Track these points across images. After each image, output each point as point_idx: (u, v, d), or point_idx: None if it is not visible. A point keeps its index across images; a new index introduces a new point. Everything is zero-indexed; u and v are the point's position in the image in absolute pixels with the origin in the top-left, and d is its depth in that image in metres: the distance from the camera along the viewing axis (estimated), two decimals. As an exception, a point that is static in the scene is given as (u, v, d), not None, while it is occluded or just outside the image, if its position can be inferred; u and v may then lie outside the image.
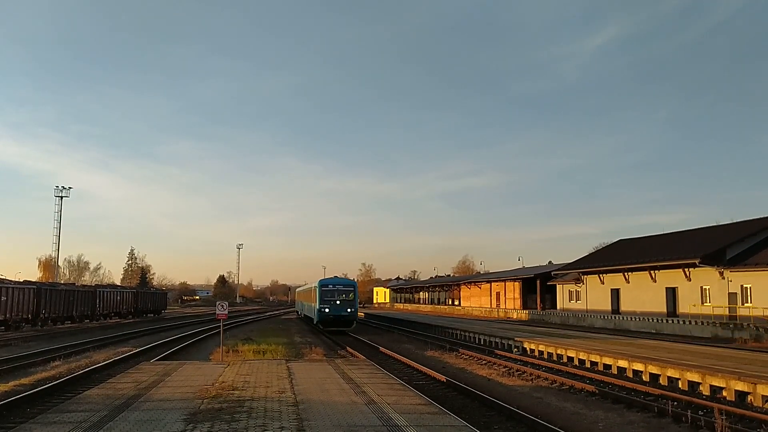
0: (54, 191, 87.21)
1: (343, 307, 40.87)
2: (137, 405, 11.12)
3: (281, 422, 9.60)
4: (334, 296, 41.04)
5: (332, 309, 40.60)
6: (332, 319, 40.62)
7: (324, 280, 43.64)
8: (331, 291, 41.28)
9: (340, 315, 40.64)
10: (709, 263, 40.34)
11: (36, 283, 52.40)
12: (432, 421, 9.87)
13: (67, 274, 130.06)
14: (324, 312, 40.61)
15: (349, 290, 41.98)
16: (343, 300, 41.11)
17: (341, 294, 41.39)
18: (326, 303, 40.67)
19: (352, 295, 41.74)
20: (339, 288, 41.76)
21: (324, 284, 42.06)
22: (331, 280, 43.69)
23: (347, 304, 41.10)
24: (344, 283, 43.52)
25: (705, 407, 14.34)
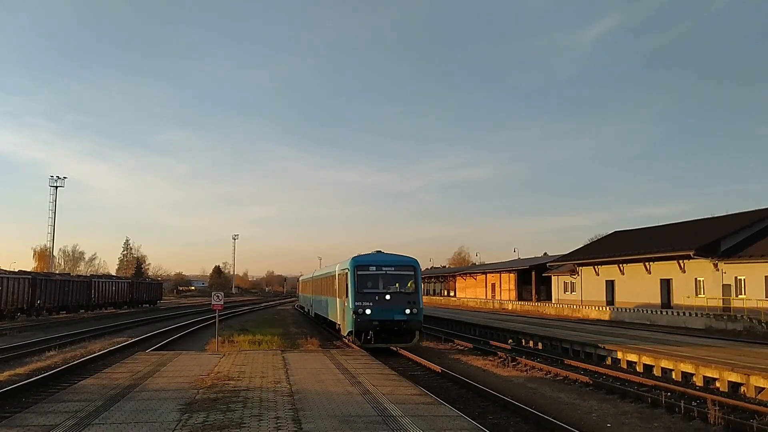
0: (49, 181, 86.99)
1: (399, 306, 22.48)
2: (133, 395, 11.13)
3: (277, 412, 9.63)
4: (381, 285, 23.13)
5: (378, 309, 22.41)
6: (378, 327, 22.34)
7: (361, 258, 24.15)
8: (375, 276, 23.33)
9: (392, 321, 22.33)
10: (703, 255, 40.46)
11: (31, 273, 52.33)
12: (427, 411, 9.91)
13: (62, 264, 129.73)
14: (363, 315, 22.24)
15: (406, 275, 23.53)
16: (398, 293, 22.88)
17: (393, 281, 23.28)
18: (366, 298, 22.63)
19: (412, 284, 23.27)
20: (389, 271, 23.61)
21: (361, 264, 23.43)
22: (375, 258, 24.27)
23: (405, 299, 22.72)
24: (398, 261, 23.97)
25: (698, 398, 14.43)
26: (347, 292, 23.06)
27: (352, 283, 22.63)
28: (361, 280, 22.75)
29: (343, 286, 24.17)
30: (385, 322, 22.16)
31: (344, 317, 24.00)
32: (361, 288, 22.55)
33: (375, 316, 22.10)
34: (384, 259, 23.78)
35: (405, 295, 22.71)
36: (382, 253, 24.76)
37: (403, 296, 22.66)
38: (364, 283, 22.71)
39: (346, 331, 23.62)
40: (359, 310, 22.09)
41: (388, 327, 22.26)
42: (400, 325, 22.34)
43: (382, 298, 22.40)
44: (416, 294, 22.91)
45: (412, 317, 22.37)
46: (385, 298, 22.38)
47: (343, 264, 24.94)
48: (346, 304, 23.41)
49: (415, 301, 22.65)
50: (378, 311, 22.12)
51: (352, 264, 23.15)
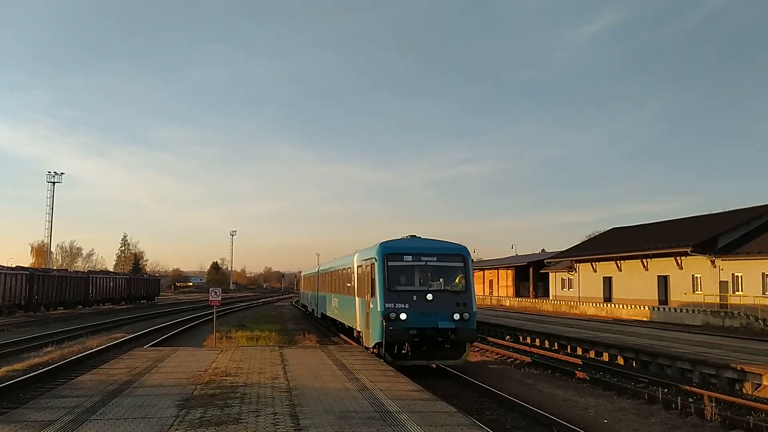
0: (46, 176, 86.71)
1: (445, 309, 16.81)
2: (130, 391, 11.14)
3: (274, 408, 9.64)
4: (420, 280, 17.59)
5: (416, 314, 16.67)
6: (417, 338, 16.61)
7: (392, 244, 18.32)
8: (411, 269, 17.65)
9: (436, 329, 16.60)
10: (700, 252, 40.54)
11: (28, 269, 52.25)
12: (424, 407, 9.93)
13: (59, 260, 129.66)
14: (396, 322, 16.53)
15: (454, 267, 17.77)
16: (443, 291, 17.18)
17: (437, 275, 17.57)
18: (400, 298, 16.83)
19: (462, 279, 17.55)
20: (430, 262, 17.70)
21: (393, 252, 17.67)
22: (410, 245, 18.43)
23: (453, 300, 17.06)
24: (441, 249, 18.13)
25: (695, 394, 14.47)
26: (373, 290, 17.24)
27: (380, 278, 16.85)
28: (393, 273, 16.98)
29: (366, 282, 18.33)
30: (425, 332, 16.25)
31: (368, 323, 17.76)
32: (393, 284, 16.76)
33: (412, 323, 16.22)
34: (423, 246, 17.80)
35: (452, 295, 16.86)
36: (417, 238, 18.84)
37: (450, 296, 16.83)
38: (397, 278, 16.97)
39: (371, 342, 17.36)
40: (391, 314, 16.22)
41: (429, 338, 16.38)
42: (446, 336, 16.36)
43: (422, 298, 16.54)
44: (468, 293, 16.98)
45: (462, 325, 16.41)
46: (426, 299, 16.48)
47: (366, 253, 18.94)
48: (371, 306, 17.41)
49: (466, 302, 16.76)
50: (416, 316, 16.30)
51: (380, 252, 17.28)
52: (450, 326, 16.42)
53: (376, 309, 16.87)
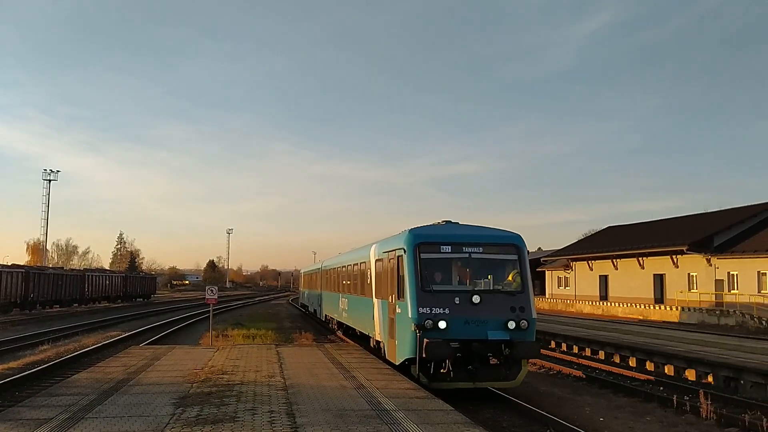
0: (42, 174, 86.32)
1: (496, 315, 13.12)
2: (126, 389, 11.12)
3: (271, 406, 9.64)
4: (462, 278, 14.02)
5: (459, 322, 12.90)
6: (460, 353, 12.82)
7: (425, 231, 14.51)
8: (451, 263, 14.03)
9: (485, 342, 12.89)
10: (696, 250, 40.65)
11: (24, 266, 52.13)
12: (420, 405, 9.94)
13: (55, 257, 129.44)
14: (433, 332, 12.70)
15: (506, 260, 14.03)
16: (494, 292, 13.50)
17: (484, 271, 13.89)
18: (437, 301, 13.01)
19: (517, 276, 13.80)
20: (476, 253, 13.76)
21: (427, 241, 13.82)
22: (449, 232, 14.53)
23: (508, 303, 13.32)
24: (490, 237, 14.32)
25: (691, 392, 14.51)
26: (400, 290, 13.58)
27: (410, 275, 13.11)
28: (428, 268, 13.24)
29: (390, 280, 14.51)
30: (471, 345, 12.60)
31: (392, 332, 14.12)
32: (428, 283, 13.00)
33: (455, 334, 12.59)
34: (465, 234, 13.97)
35: (506, 297, 13.20)
36: (455, 224, 15.15)
37: (503, 298, 13.17)
38: (433, 275, 13.28)
39: (398, 357, 13.62)
40: (426, 322, 12.52)
41: (476, 353, 12.67)
42: (498, 350, 12.78)
43: (467, 301, 12.85)
44: (525, 295, 13.33)
45: (519, 336, 12.79)
46: (472, 302, 12.82)
47: (390, 243, 15.21)
48: (397, 311, 13.74)
49: (523, 306, 13.12)
50: (459, 325, 12.67)
51: (410, 241, 13.50)
52: (503, 338, 12.68)
53: (405, 315, 13.02)
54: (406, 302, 13.16)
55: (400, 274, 13.68)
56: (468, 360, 12.76)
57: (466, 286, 13.48)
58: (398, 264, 13.87)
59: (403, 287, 13.38)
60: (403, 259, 13.58)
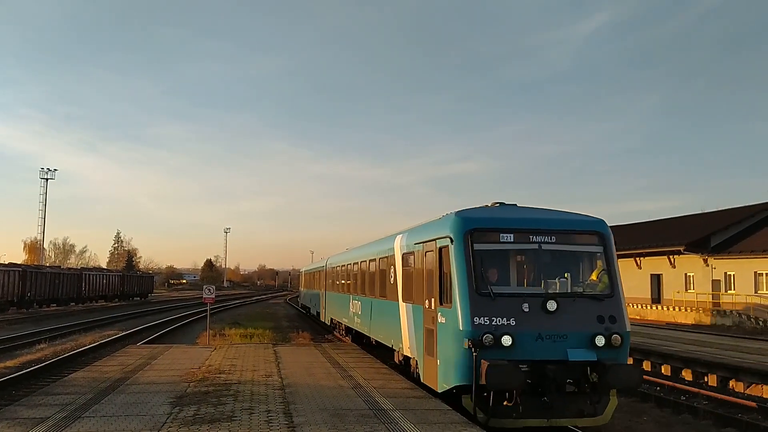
0: (39, 173, 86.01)
1: (578, 328, 9.71)
2: (123, 388, 11.11)
3: (268, 405, 9.64)
4: (529, 276, 10.64)
5: (529, 337, 9.51)
6: (530, 378, 9.31)
7: (477, 214, 10.79)
8: (513, 255, 10.68)
9: (564, 364, 9.46)
10: (693, 251, 40.73)
11: (21, 265, 52.02)
12: (418, 404, 9.94)
13: (52, 256, 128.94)
14: (493, 350, 9.32)
15: (586, 253, 10.73)
16: (573, 296, 10.02)
17: (559, 267, 10.42)
18: (496, 309, 9.61)
19: (603, 274, 10.39)
20: (546, 243, 10.31)
21: (482, 227, 10.29)
22: (509, 216, 10.83)
23: (594, 311, 9.89)
24: (564, 223, 10.70)
25: (687, 392, 14.54)
26: (443, 293, 10.48)
27: (460, 272, 9.89)
28: (485, 263, 10.04)
29: (426, 279, 11.43)
30: (546, 368, 9.45)
31: (433, 348, 10.81)
32: (485, 284, 9.79)
33: (523, 353, 9.49)
34: (532, 219, 10.71)
35: (591, 303, 10.01)
36: (511, 206, 11.61)
37: (588, 305, 9.98)
38: (490, 273, 10.09)
39: (445, 382, 10.17)
40: (484, 336, 9.39)
41: (552, 379, 9.45)
42: (582, 376, 9.58)
43: (539, 308, 9.72)
44: (615, 299, 10.15)
45: (610, 355, 9.62)
46: (546, 309, 9.69)
47: (425, 231, 12.02)
48: (440, 320, 10.47)
49: (615, 315, 9.93)
50: (529, 341, 9.56)
51: (458, 227, 10.27)
52: (589, 358, 9.45)
53: (452, 326, 9.75)
54: (454, 309, 9.71)
55: (444, 271, 10.38)
56: (540, 389, 9.33)
57: (537, 288, 10.11)
58: (440, 258, 10.56)
59: (450, 289, 10.02)
60: (448, 252, 10.16)
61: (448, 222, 10.55)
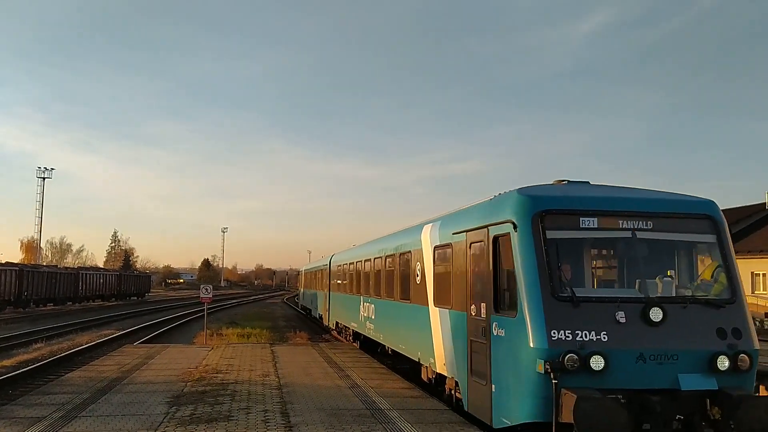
0: (36, 172, 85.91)
1: (694, 346, 7.24)
2: (120, 387, 11.10)
3: (265, 405, 9.64)
4: (621, 276, 8.21)
5: (628, 358, 7.05)
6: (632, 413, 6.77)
7: (542, 191, 8.20)
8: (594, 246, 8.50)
9: (673, 396, 7.06)
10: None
11: (18, 264, 51.89)
12: (415, 404, 9.95)
13: (49, 256, 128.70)
14: (581, 377, 6.88)
15: (696, 244, 8.25)
16: (681, 304, 7.46)
17: (658, 262, 7.95)
18: (582, 319, 7.12)
19: (718, 270, 7.96)
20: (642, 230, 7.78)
21: (555, 209, 7.74)
22: (589, 195, 8.13)
23: (712, 322, 7.41)
24: (663, 204, 8.12)
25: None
26: (500, 296, 8.15)
27: (528, 269, 7.51)
28: (562, 257, 7.73)
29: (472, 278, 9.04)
30: (650, 400, 7.08)
31: (486, 370, 8.31)
32: (563, 284, 7.46)
33: (620, 380, 7.10)
34: (620, 199, 8.22)
35: (707, 311, 7.63)
36: (583, 184, 9.15)
37: (704, 313, 7.60)
38: (568, 270, 7.87)
39: (507, 417, 7.69)
40: (566, 357, 6.96)
41: (659, 416, 7.09)
42: (698, 410, 7.24)
43: (638, 317, 7.33)
44: (738, 305, 7.82)
45: (735, 381, 7.29)
46: (649, 320, 7.29)
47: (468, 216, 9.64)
48: (495, 332, 8.10)
49: (739, 327, 7.57)
50: (627, 363, 7.15)
51: (522, 207, 7.89)
52: (708, 387, 7.18)
53: (519, 342, 7.39)
54: (520, 319, 7.34)
55: (502, 267, 8.00)
56: (645, 425, 7.06)
57: (632, 291, 7.58)
58: (494, 251, 8.16)
59: (512, 291, 7.67)
60: (508, 242, 7.78)
61: (508, 202, 8.04)
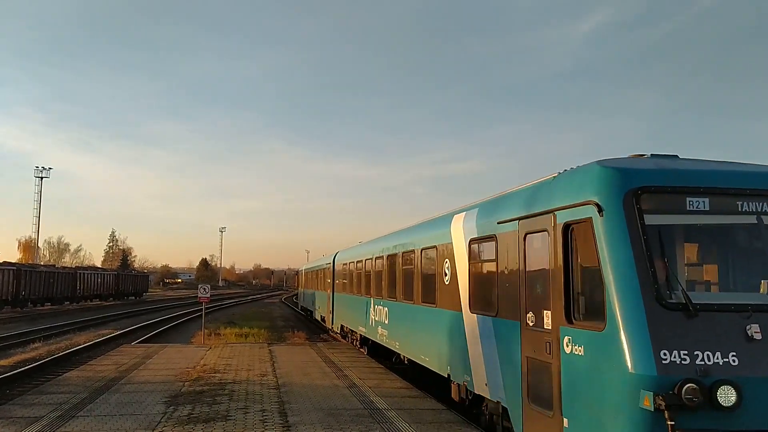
0: (34, 171, 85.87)
1: None
2: (118, 387, 11.10)
3: (263, 405, 9.64)
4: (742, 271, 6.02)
5: (761, 389, 4.94)
6: None
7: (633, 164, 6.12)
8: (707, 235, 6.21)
9: None
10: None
11: (16, 264, 51.82)
12: (413, 404, 9.95)
13: (47, 255, 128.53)
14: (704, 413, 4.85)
15: None
16: None
17: None
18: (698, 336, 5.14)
19: None
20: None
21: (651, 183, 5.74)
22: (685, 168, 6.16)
23: None
24: None
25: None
26: (576, 301, 6.16)
27: (621, 265, 5.49)
28: (666, 248, 5.66)
29: (526, 279, 7.12)
30: None
31: (554, 398, 6.26)
32: (672, 286, 5.44)
33: (756, 420, 5.02)
34: (733, 173, 6.16)
35: None
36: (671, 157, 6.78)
37: None
38: (675, 268, 5.76)
39: None
40: (683, 389, 4.89)
41: None
42: None
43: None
44: None
45: None
46: None
47: (527, 198, 7.48)
48: (561, 350, 6.17)
49: None
50: (765, 396, 5.01)
51: (609, 183, 5.85)
52: None
53: (611, 365, 5.46)
54: (611, 333, 5.47)
55: (579, 264, 6.10)
56: None
57: (763, 296, 5.62)
58: (567, 242, 6.25)
59: (597, 296, 5.82)
60: (591, 231, 5.84)
61: (588, 178, 6.12)
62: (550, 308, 6.41)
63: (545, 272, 6.62)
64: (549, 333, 6.41)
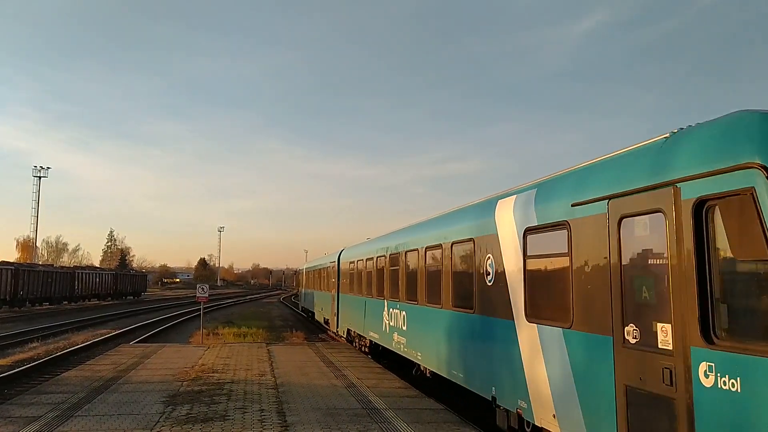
0: (32, 171, 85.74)
1: None
2: (116, 387, 11.09)
3: (261, 405, 9.64)
4: None
5: None
6: None
7: None
8: None
9: None
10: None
11: (14, 264, 51.78)
12: (411, 404, 9.96)
13: (45, 255, 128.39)
14: None
15: None
16: None
17: None
18: None
19: None
20: None
21: None
22: None
23: None
24: None
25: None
26: (721, 313, 4.38)
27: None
28: None
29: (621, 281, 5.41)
30: None
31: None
32: None
33: None
34: None
35: None
36: None
37: None
38: None
39: None
40: None
41: None
42: None
43: None
44: None
45: None
46: None
47: (643, 158, 5.43)
48: (699, 379, 4.41)
49: None
50: None
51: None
52: None
53: None
54: None
55: (724, 257, 4.52)
56: None
57: None
58: (700, 227, 4.59)
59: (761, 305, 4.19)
60: (754, 205, 4.12)
61: (739, 130, 4.50)
62: (669, 320, 4.75)
63: (659, 269, 4.97)
64: (669, 355, 4.74)
